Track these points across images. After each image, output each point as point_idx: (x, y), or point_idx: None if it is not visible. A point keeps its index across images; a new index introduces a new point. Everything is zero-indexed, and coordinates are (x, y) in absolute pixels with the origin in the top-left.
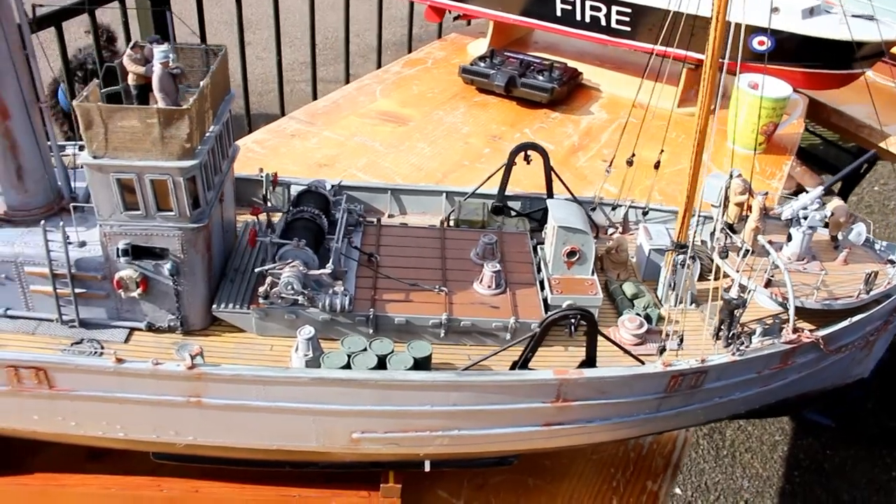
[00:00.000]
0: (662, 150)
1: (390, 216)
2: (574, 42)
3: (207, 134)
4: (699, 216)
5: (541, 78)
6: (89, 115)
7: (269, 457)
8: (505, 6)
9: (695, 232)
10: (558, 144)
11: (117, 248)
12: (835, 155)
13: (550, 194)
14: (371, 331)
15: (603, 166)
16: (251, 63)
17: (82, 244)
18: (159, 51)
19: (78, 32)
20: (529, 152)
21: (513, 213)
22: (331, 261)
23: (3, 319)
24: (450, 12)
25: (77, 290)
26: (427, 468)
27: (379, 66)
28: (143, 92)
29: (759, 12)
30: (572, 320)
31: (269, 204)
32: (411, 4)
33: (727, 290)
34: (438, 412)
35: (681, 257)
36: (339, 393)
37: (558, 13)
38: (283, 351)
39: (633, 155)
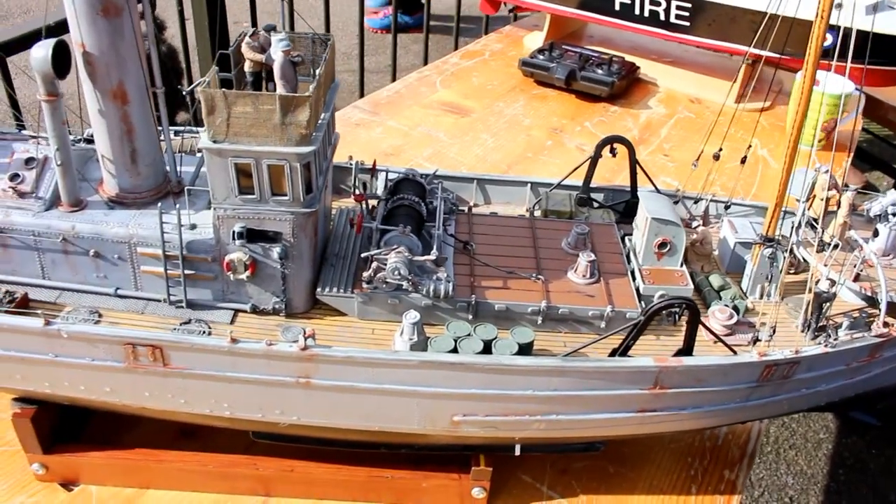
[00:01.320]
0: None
1: (475, 205)
2: (628, 35)
3: (319, 121)
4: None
5: (600, 72)
6: (213, 100)
7: (367, 438)
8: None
9: (780, 226)
10: None
11: (233, 231)
12: (890, 153)
13: (634, 187)
14: (470, 316)
15: (664, 160)
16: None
17: (193, 227)
18: (278, 39)
19: None
20: (615, 145)
21: (595, 205)
22: (434, 248)
23: (113, 298)
24: (505, 4)
25: (186, 272)
26: (517, 452)
27: (426, 60)
28: (258, 79)
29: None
30: (676, 310)
31: (367, 191)
32: None
33: (817, 283)
34: (539, 397)
35: (769, 251)
36: (445, 376)
37: (617, 7)
38: (385, 335)
39: (721, 150)
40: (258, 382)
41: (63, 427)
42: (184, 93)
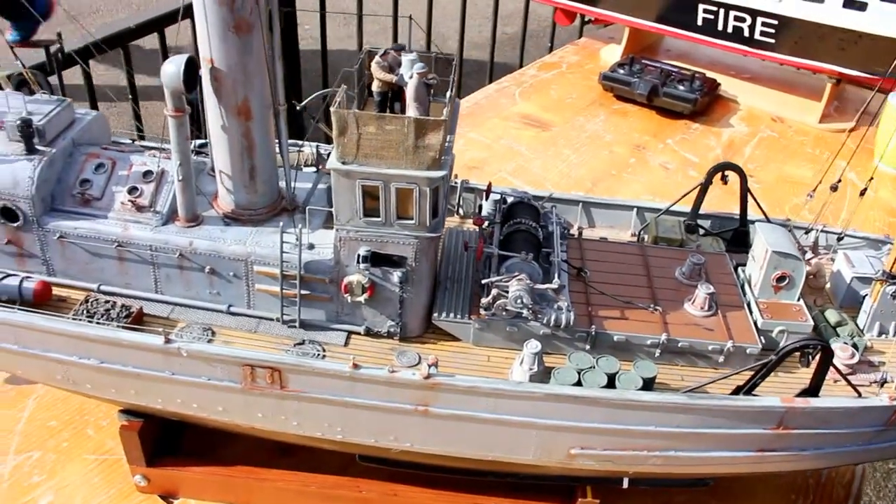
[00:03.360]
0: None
1: (579, 228)
2: (706, 50)
3: (447, 144)
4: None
5: (682, 88)
6: (344, 121)
7: (477, 466)
8: (640, 12)
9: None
10: (702, 157)
11: (358, 255)
12: None
13: (744, 215)
14: (588, 347)
15: (749, 181)
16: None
17: (311, 247)
18: (410, 59)
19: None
20: (727, 172)
21: (701, 232)
22: (556, 275)
23: (226, 315)
24: (582, 16)
25: (302, 292)
26: (625, 485)
27: (491, 69)
28: (385, 99)
29: None
30: (810, 350)
31: (480, 212)
32: (527, 2)
33: None
34: (660, 433)
35: (893, 288)
36: (567, 409)
37: (699, 22)
38: (501, 362)
39: (839, 181)
40: (375, 408)
41: (163, 440)
42: (297, 108)
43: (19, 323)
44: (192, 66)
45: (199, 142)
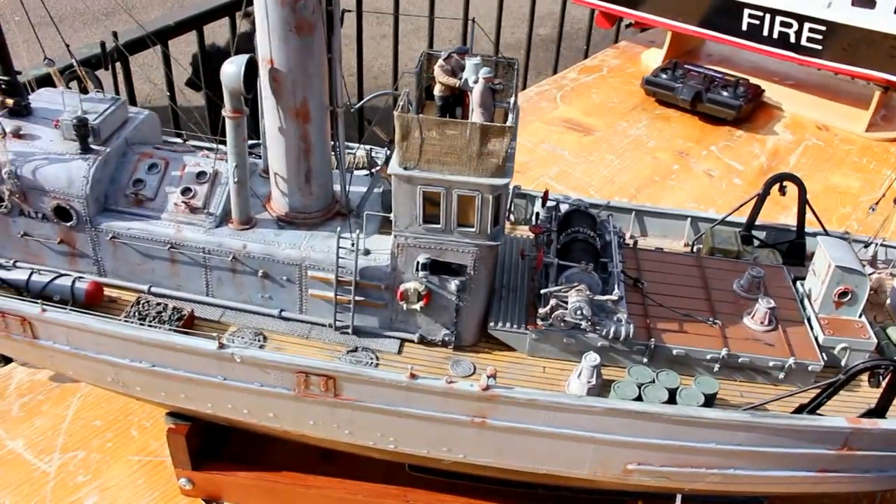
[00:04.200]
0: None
1: (631, 237)
2: (748, 56)
3: (510, 151)
4: None
5: (726, 94)
6: (408, 125)
7: (530, 479)
8: (683, 16)
9: None
10: (747, 165)
11: (417, 262)
12: None
13: (802, 227)
14: (645, 360)
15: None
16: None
17: (367, 252)
18: (474, 63)
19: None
20: (785, 183)
21: (756, 243)
22: (616, 287)
23: (277, 320)
24: (623, 19)
25: (356, 298)
26: (678, 502)
27: (525, 71)
28: (447, 104)
29: None
30: (880, 371)
31: (537, 221)
32: (563, 4)
33: None
34: (721, 450)
35: None
36: (626, 424)
37: (744, 27)
38: (556, 374)
39: None
40: (430, 419)
41: (208, 443)
42: (352, 110)
43: (73, 324)
44: (252, 67)
45: (250, 142)
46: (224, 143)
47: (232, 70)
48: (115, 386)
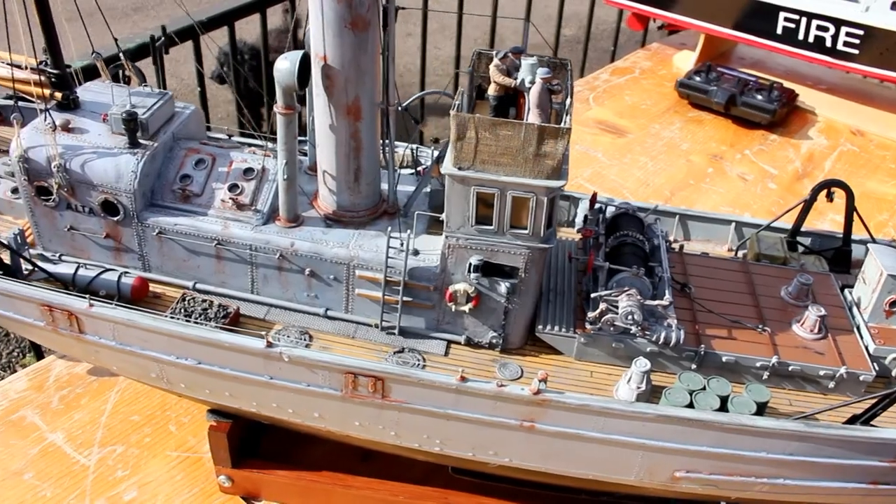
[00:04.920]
0: None
1: (675, 241)
2: (781, 59)
3: (565, 153)
4: None
5: (760, 98)
6: (464, 125)
7: (576, 484)
8: (717, 18)
9: None
10: (781, 169)
11: (469, 264)
12: None
13: (848, 234)
14: (693, 366)
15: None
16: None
17: (415, 253)
18: (531, 63)
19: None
20: (833, 189)
21: (801, 249)
22: (667, 292)
23: (322, 319)
24: (654, 21)
25: (404, 299)
26: None
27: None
28: (502, 104)
29: None
30: None
31: (586, 224)
32: (591, 4)
33: None
34: (771, 459)
35: None
36: (677, 431)
37: (779, 31)
38: (604, 378)
39: None
40: (478, 422)
41: (245, 441)
42: (399, 109)
43: (121, 320)
44: (305, 63)
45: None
46: (269, 139)
47: (286, 66)
48: (159, 382)
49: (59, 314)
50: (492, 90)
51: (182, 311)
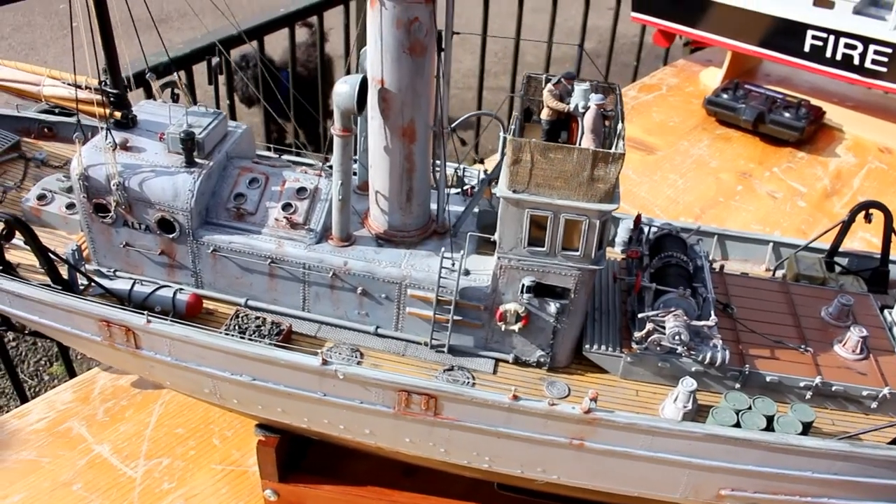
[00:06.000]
0: None
1: (713, 261)
2: (807, 76)
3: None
4: None
5: (788, 115)
6: (520, 149)
7: (620, 501)
8: (744, 36)
9: None
10: (810, 187)
11: (522, 284)
12: None
13: (886, 255)
14: (737, 385)
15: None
16: None
17: (466, 272)
18: (583, 89)
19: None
20: (871, 210)
21: (838, 269)
22: (712, 312)
23: (373, 337)
24: (680, 37)
25: (455, 318)
26: None
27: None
28: (554, 128)
29: None
30: None
31: (630, 245)
32: (615, 20)
33: None
34: (816, 479)
35: None
36: (723, 450)
37: (807, 48)
38: (649, 397)
39: None
40: (528, 440)
41: (290, 455)
42: (447, 129)
43: (177, 336)
44: (364, 87)
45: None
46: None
47: (345, 90)
48: (212, 398)
49: (117, 329)
50: (544, 114)
51: (236, 327)
